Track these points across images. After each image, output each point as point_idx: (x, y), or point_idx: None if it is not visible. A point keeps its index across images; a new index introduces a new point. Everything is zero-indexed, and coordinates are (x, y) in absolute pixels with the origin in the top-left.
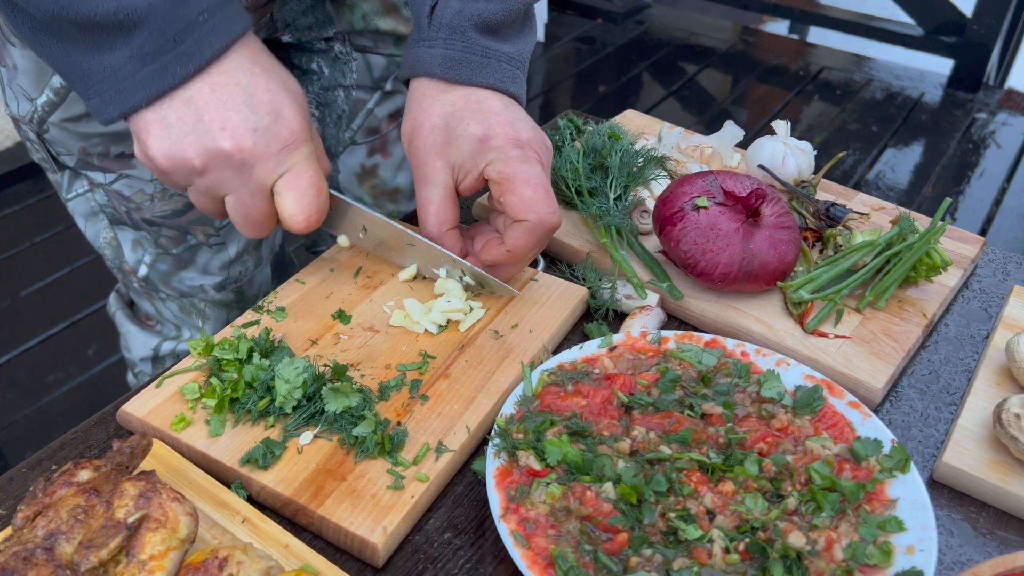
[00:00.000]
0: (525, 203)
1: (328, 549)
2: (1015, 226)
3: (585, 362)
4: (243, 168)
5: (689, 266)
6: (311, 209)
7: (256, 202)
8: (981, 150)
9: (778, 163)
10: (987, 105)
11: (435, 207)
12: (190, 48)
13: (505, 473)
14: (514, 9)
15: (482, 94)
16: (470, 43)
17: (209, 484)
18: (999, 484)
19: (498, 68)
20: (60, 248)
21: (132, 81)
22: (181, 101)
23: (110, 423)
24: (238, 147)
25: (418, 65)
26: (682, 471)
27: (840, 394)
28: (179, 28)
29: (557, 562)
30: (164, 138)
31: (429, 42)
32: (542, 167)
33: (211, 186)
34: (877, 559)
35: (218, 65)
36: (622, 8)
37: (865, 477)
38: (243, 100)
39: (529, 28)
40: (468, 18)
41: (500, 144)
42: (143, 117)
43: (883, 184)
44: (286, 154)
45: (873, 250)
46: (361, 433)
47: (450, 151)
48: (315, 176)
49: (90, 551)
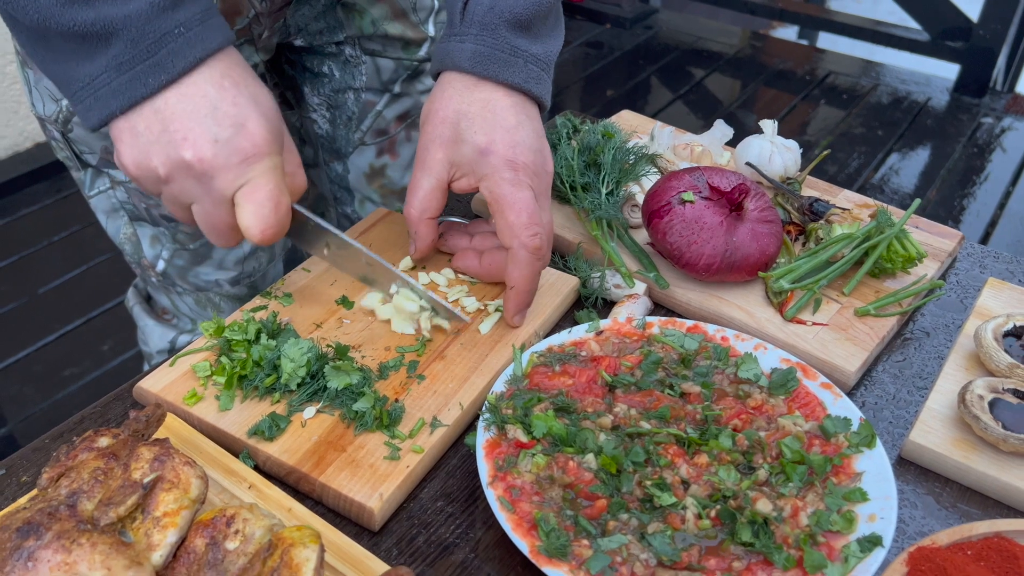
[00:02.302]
0: (509, 227)
1: (328, 515)
2: (1019, 229)
3: (573, 345)
4: (203, 178)
5: (675, 257)
6: (267, 222)
7: (219, 212)
8: (986, 154)
9: (765, 160)
10: (993, 110)
11: (423, 193)
12: (163, 59)
13: (494, 445)
14: (544, 3)
15: (502, 102)
16: (500, 40)
17: (219, 454)
18: (962, 461)
19: (524, 68)
20: (77, 247)
21: (108, 89)
22: (150, 111)
23: (127, 399)
24: (198, 157)
25: (448, 59)
26: (660, 444)
27: (814, 376)
28: (154, 39)
29: (539, 524)
30: (133, 146)
31: (460, 37)
32: (532, 192)
33: (177, 194)
34: (840, 526)
35: (188, 77)
36: (630, 13)
37: (833, 452)
38: (207, 112)
39: (558, 28)
40: (499, 15)
41: (496, 162)
42: (117, 125)
43: (888, 187)
44: (246, 166)
45: (851, 242)
46: (361, 408)
47: (453, 149)
48: (274, 189)
49: (109, 508)
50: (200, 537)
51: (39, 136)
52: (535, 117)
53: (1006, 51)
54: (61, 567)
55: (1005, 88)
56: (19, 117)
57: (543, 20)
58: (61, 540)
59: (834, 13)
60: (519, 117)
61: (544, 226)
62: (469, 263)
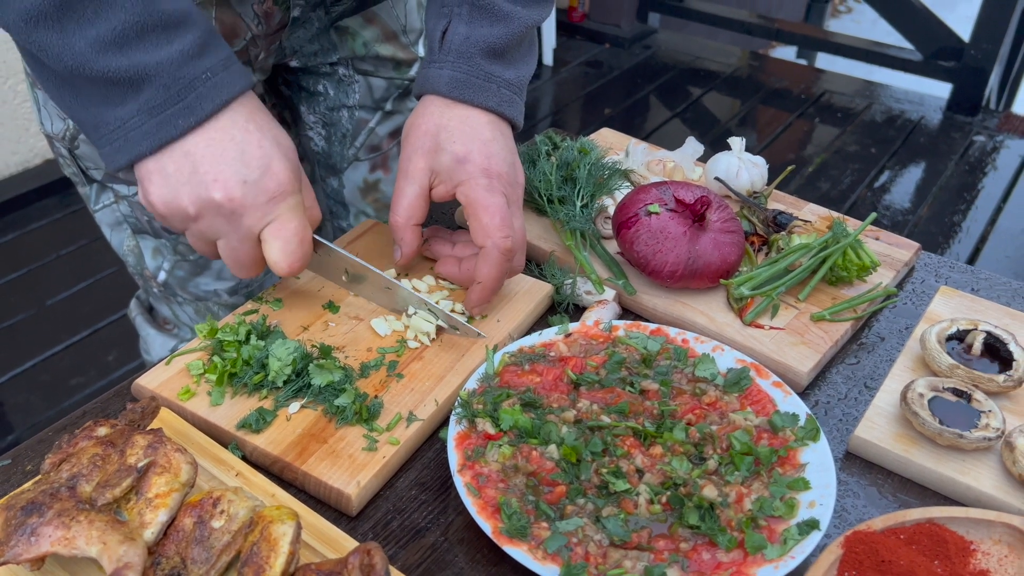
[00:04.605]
0: (483, 228)
1: (310, 501)
2: (1008, 245)
3: (543, 346)
4: (233, 217)
5: (641, 265)
6: (294, 257)
7: (245, 247)
8: (978, 172)
9: (732, 175)
10: (986, 128)
11: (408, 201)
12: (192, 103)
13: (464, 437)
14: (516, 33)
15: (479, 119)
16: (475, 67)
17: (209, 444)
18: (902, 454)
19: (497, 92)
20: (83, 261)
21: (139, 132)
22: (180, 153)
23: (125, 395)
24: (228, 197)
25: (428, 84)
26: (618, 437)
27: (766, 375)
28: (184, 84)
29: (503, 508)
30: (163, 186)
31: (439, 64)
32: (505, 199)
33: (204, 231)
34: (782, 511)
35: (215, 121)
36: (629, 33)
37: (780, 445)
38: (236, 155)
39: (531, 54)
40: (474, 44)
41: (472, 170)
42: (146, 166)
43: (880, 205)
44: (272, 205)
45: (808, 252)
46: (342, 403)
47: (433, 157)
48: (299, 226)
49: (105, 490)
50: (188, 517)
51: (48, 153)
52: (508, 135)
53: (998, 70)
54: (61, 541)
55: (1000, 107)
56: (29, 135)
57: (516, 48)
58: (61, 518)
59: (831, 34)
60: (494, 132)
61: (516, 231)
62: (450, 269)
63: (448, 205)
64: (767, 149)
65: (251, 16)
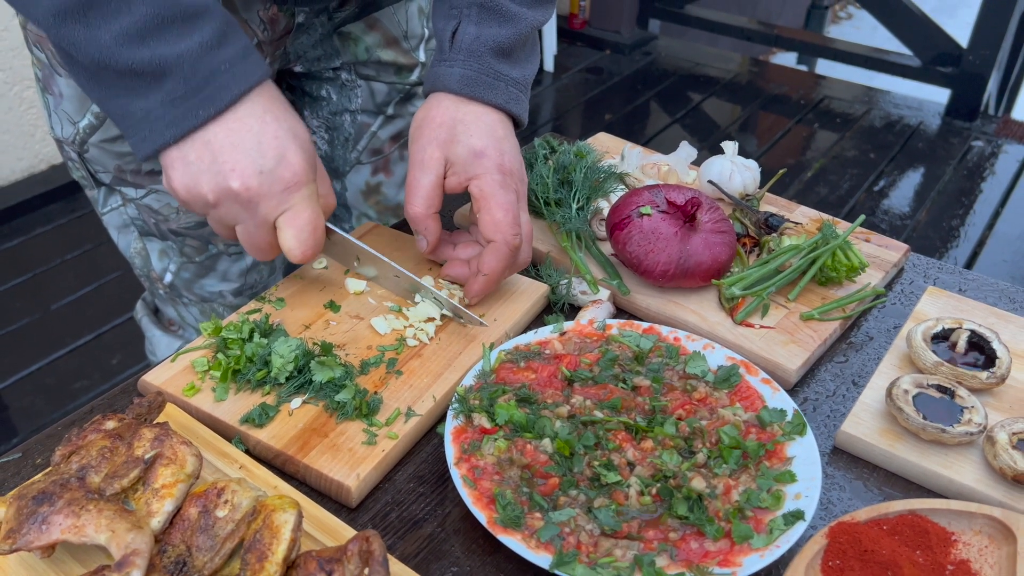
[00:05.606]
0: (495, 223)
1: (311, 494)
2: (1006, 249)
3: (538, 344)
4: (249, 205)
5: (634, 265)
6: (307, 244)
7: (261, 233)
8: (976, 177)
9: (725, 178)
10: (984, 133)
11: (425, 191)
12: (212, 94)
13: (461, 431)
14: (523, 33)
15: (491, 115)
16: (485, 66)
17: (213, 438)
18: (887, 449)
19: (505, 90)
20: (89, 265)
21: (163, 122)
22: (201, 142)
23: (132, 392)
24: (245, 186)
25: (438, 82)
26: (610, 431)
27: (755, 372)
28: (203, 76)
29: (497, 499)
30: (185, 174)
31: (449, 62)
32: (517, 196)
33: (223, 217)
34: (768, 503)
35: (234, 111)
36: (630, 40)
37: (768, 439)
38: (253, 145)
39: (534, 54)
40: (484, 43)
41: (489, 164)
42: (169, 155)
43: (879, 209)
44: (288, 194)
45: (798, 253)
46: (342, 399)
47: (449, 148)
48: (313, 214)
49: (114, 480)
50: (193, 506)
51: (55, 158)
52: (513, 133)
53: (996, 76)
54: (71, 529)
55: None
56: (35, 140)
57: (521, 48)
58: (71, 507)
59: (831, 40)
60: (505, 130)
61: (524, 226)
62: (459, 271)
63: (446, 207)
64: (767, 154)
65: (256, 22)
